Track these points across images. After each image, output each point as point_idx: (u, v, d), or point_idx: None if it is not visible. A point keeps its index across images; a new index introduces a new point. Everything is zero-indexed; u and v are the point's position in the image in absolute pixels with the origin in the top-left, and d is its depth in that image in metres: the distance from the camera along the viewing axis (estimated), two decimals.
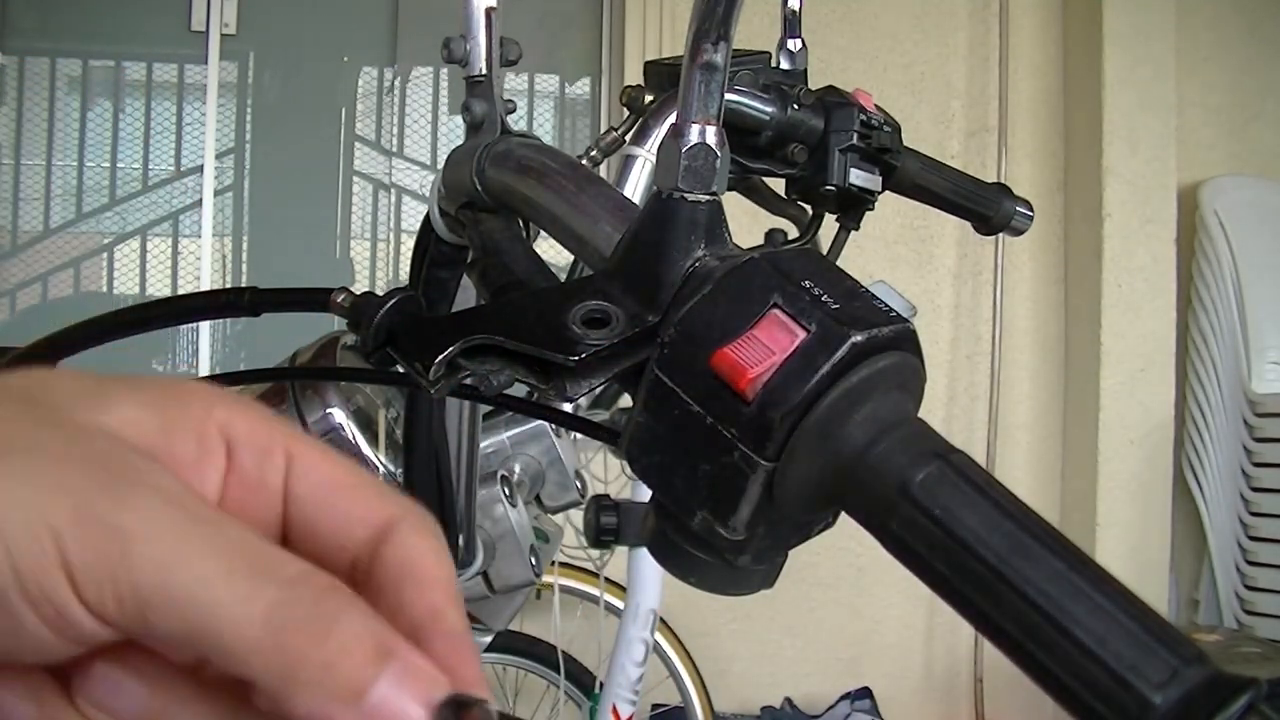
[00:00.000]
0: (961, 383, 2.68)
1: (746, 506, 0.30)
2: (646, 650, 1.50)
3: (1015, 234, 0.76)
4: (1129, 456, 2.59)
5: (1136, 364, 2.59)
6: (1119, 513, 2.58)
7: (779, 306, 0.30)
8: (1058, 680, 0.25)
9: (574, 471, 0.72)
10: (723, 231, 0.34)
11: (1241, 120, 2.87)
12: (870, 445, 0.29)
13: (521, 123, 1.95)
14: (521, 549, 0.54)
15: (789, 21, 0.69)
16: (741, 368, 0.29)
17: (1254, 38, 2.87)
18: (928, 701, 2.67)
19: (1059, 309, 2.74)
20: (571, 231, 0.40)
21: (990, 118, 2.70)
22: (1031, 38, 2.73)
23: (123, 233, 2.61)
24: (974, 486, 0.27)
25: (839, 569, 2.56)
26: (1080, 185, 2.68)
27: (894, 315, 0.30)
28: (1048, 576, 0.25)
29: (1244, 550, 2.58)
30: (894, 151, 0.67)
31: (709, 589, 0.34)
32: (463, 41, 0.50)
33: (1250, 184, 2.75)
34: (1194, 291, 2.69)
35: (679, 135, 0.33)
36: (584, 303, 0.34)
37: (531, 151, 0.44)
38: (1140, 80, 2.59)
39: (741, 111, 0.62)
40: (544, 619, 1.64)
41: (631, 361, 0.33)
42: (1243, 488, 2.58)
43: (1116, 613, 0.25)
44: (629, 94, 0.65)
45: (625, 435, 0.32)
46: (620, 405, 0.69)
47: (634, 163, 0.59)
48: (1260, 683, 0.23)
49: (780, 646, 2.57)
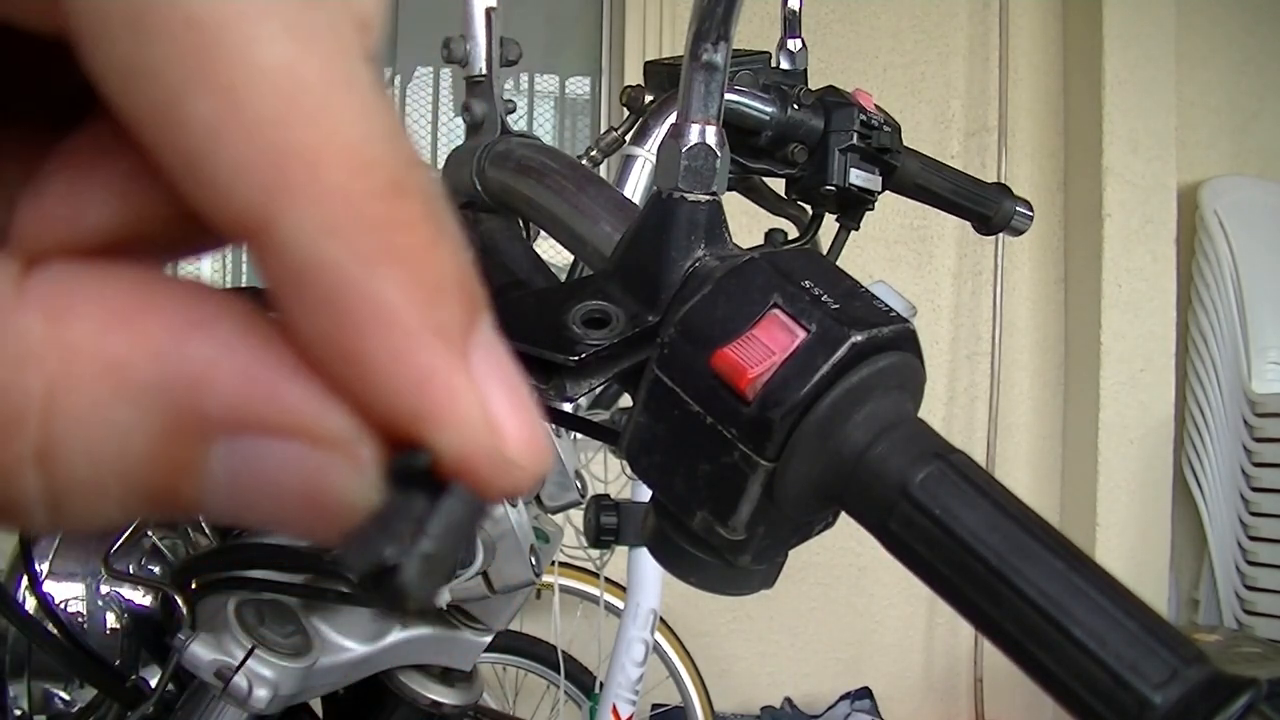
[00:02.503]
0: (961, 383, 2.68)
1: (746, 506, 0.30)
2: (646, 650, 1.50)
3: (1015, 234, 0.76)
4: (1129, 456, 2.59)
5: (1136, 364, 2.59)
6: (1119, 513, 2.58)
7: (779, 306, 0.30)
8: (1058, 680, 0.25)
9: (574, 471, 0.71)
10: (723, 231, 0.34)
11: (1241, 120, 2.87)
12: (870, 445, 0.29)
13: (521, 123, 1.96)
14: (521, 549, 0.54)
15: (789, 21, 0.69)
16: (741, 368, 0.29)
17: (1254, 38, 2.87)
18: (928, 701, 2.67)
19: (1059, 309, 2.74)
20: (571, 231, 0.40)
21: (990, 118, 2.70)
22: (1031, 38, 2.73)
23: None
24: (974, 486, 0.27)
25: (839, 569, 2.56)
26: (1080, 185, 2.67)
27: (894, 315, 0.30)
28: (1048, 576, 0.25)
29: (1244, 550, 2.58)
30: (894, 151, 0.67)
31: (709, 589, 0.34)
32: (463, 41, 0.50)
33: (1250, 184, 2.75)
34: (1194, 291, 2.69)
35: (679, 135, 0.33)
36: (584, 303, 0.34)
37: (531, 151, 0.44)
38: (1140, 80, 2.59)
39: (741, 111, 0.62)
40: (544, 619, 1.63)
41: (631, 361, 0.33)
42: (1243, 488, 2.58)
43: (1116, 613, 0.25)
44: (629, 94, 0.65)
45: (625, 435, 0.32)
46: (620, 405, 0.69)
47: (634, 163, 0.59)
48: (1260, 683, 0.23)
49: (780, 646, 2.57)
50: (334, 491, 0.12)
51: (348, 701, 0.62)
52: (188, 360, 0.12)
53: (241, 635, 0.49)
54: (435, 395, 0.12)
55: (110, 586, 0.62)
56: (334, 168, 0.12)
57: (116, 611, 0.63)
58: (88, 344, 0.11)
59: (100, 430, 0.11)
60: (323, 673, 0.52)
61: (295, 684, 0.49)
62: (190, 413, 0.12)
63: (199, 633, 0.49)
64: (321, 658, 0.51)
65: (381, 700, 0.58)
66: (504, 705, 1.88)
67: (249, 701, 0.48)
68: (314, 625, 0.52)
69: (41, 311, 0.11)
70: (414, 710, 0.57)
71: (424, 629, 0.55)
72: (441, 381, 0.12)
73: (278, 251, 0.12)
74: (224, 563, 0.53)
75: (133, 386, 0.12)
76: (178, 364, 0.12)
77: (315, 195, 0.12)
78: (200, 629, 0.50)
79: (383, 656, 0.54)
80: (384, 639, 0.54)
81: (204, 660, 0.48)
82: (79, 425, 0.11)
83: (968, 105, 2.70)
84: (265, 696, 0.48)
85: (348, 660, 0.53)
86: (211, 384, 0.12)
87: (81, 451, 0.11)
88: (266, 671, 0.48)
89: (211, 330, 0.12)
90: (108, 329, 0.12)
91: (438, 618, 0.56)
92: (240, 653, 0.48)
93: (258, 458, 0.12)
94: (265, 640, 0.49)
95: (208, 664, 0.48)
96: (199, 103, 0.11)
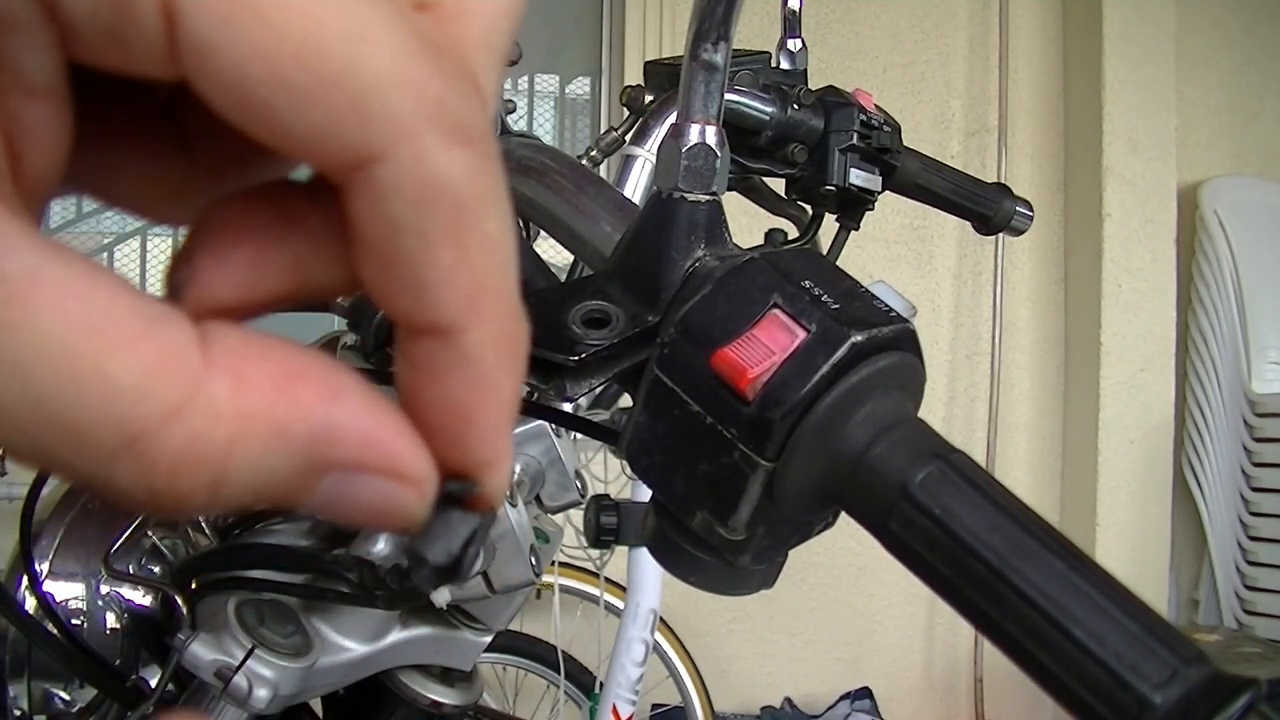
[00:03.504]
0: (961, 383, 2.68)
1: (746, 506, 0.30)
2: (646, 650, 1.50)
3: (1015, 234, 0.76)
4: (1129, 456, 2.59)
5: (1136, 364, 2.59)
6: (1119, 513, 2.58)
7: (779, 306, 0.30)
8: (1058, 680, 0.25)
9: (574, 471, 0.71)
10: (723, 231, 0.34)
11: (1241, 120, 2.87)
12: (870, 445, 0.29)
13: (521, 123, 1.96)
14: (521, 549, 0.53)
15: (789, 21, 0.69)
16: (741, 368, 0.29)
17: (1254, 38, 2.87)
18: (928, 701, 2.67)
19: (1059, 309, 2.74)
20: (571, 231, 0.40)
21: (990, 118, 2.70)
22: (1031, 38, 2.73)
23: (123, 233, 2.61)
24: (974, 486, 0.27)
25: (839, 569, 2.56)
26: (1080, 185, 2.67)
27: (894, 315, 0.30)
28: (1048, 576, 0.25)
29: (1244, 550, 2.58)
30: (894, 151, 0.67)
31: (709, 589, 0.34)
32: None
33: (1250, 184, 2.75)
34: (1194, 291, 2.69)
35: (679, 135, 0.33)
36: (584, 303, 0.34)
37: (531, 151, 0.44)
38: (1140, 80, 2.59)
39: (741, 111, 0.62)
40: (544, 619, 1.63)
41: (631, 361, 0.33)
42: (1243, 488, 2.59)
43: (1116, 613, 0.25)
44: (629, 94, 0.65)
45: (625, 435, 0.32)
46: (620, 405, 0.69)
47: (634, 163, 0.59)
48: (1260, 683, 0.23)
49: (780, 646, 2.57)
50: (400, 510, 0.17)
51: (348, 701, 0.62)
52: (329, 425, 0.16)
53: (241, 635, 0.49)
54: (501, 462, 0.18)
55: (110, 586, 0.62)
56: (507, 304, 0.17)
57: (116, 611, 0.63)
58: (261, 410, 0.15)
59: (259, 470, 0.15)
60: (323, 673, 0.52)
61: (295, 684, 0.49)
62: (323, 459, 0.16)
63: (199, 633, 0.49)
64: (321, 658, 0.51)
65: (381, 700, 0.58)
66: (504, 705, 1.88)
67: (249, 701, 0.48)
68: (314, 625, 0.52)
69: (227, 378, 0.15)
70: (414, 710, 0.57)
71: (424, 629, 0.55)
72: (506, 455, 0.18)
73: (455, 347, 0.17)
74: (224, 563, 0.53)
75: (288, 441, 0.15)
76: (322, 428, 0.16)
77: (496, 319, 0.17)
78: (200, 629, 0.50)
79: (383, 656, 0.54)
80: (384, 639, 0.54)
81: (204, 660, 0.48)
82: (247, 468, 0.15)
83: (968, 105, 2.70)
84: (265, 696, 0.48)
85: (348, 660, 0.53)
86: (343, 440, 0.16)
87: (242, 483, 0.15)
88: (266, 671, 0.48)
89: (346, 399, 0.16)
90: (276, 397, 0.15)
91: (438, 618, 0.56)
92: (240, 653, 0.48)
93: (357, 483, 0.16)
94: (265, 640, 0.49)
95: (208, 664, 0.48)
96: (446, 251, 0.16)
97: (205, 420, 0.14)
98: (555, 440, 0.68)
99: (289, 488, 0.16)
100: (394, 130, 0.15)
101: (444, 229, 0.16)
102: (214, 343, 0.15)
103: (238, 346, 0.15)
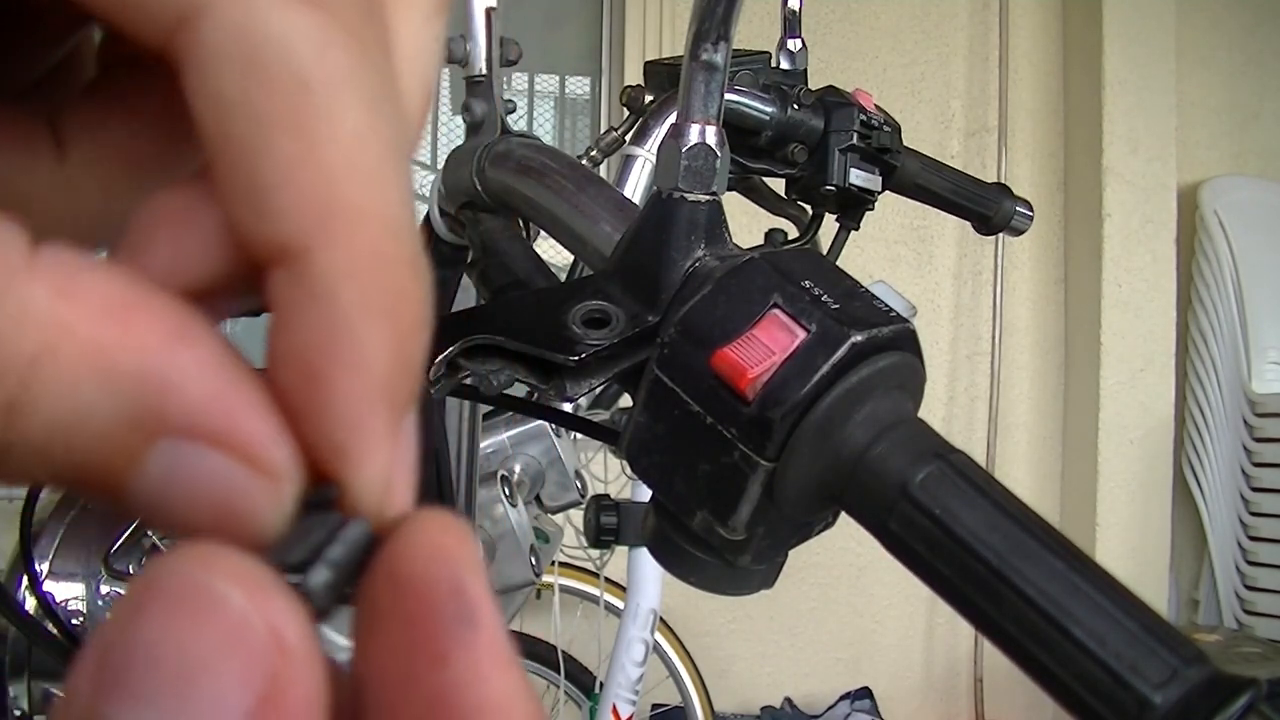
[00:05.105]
0: (961, 383, 2.68)
1: (746, 506, 0.30)
2: (646, 650, 1.50)
3: (1015, 234, 0.76)
4: (1129, 456, 2.59)
5: (1136, 364, 2.59)
6: (1119, 513, 2.58)
7: (779, 306, 0.30)
8: (1058, 680, 0.25)
9: (574, 471, 0.72)
10: (723, 231, 0.34)
11: (1241, 120, 2.87)
12: (870, 445, 0.29)
13: (521, 123, 1.95)
14: (521, 549, 0.54)
15: (789, 21, 0.69)
16: (741, 368, 0.29)
17: (1254, 38, 2.87)
18: (928, 701, 2.67)
19: (1059, 309, 2.74)
20: (571, 231, 0.40)
21: (990, 118, 2.70)
22: (1031, 38, 2.73)
23: None
24: (974, 486, 0.27)
25: (839, 569, 2.56)
26: (1080, 185, 2.67)
27: (894, 315, 0.30)
28: (1048, 576, 0.25)
29: (1244, 550, 2.58)
30: (894, 151, 0.67)
31: (709, 589, 0.34)
32: (463, 41, 0.50)
33: (1250, 184, 2.75)
34: (1194, 291, 2.69)
35: (679, 135, 0.33)
36: (584, 303, 0.34)
37: (531, 151, 0.44)
38: (1140, 80, 2.59)
39: (741, 111, 0.62)
40: (544, 619, 1.63)
41: (631, 361, 0.33)
42: (1243, 488, 2.59)
43: (1116, 613, 0.25)
44: (629, 94, 0.65)
45: (625, 435, 0.32)
46: (620, 405, 0.69)
47: (634, 163, 0.59)
48: (1260, 683, 0.23)
49: (780, 646, 2.57)
50: (249, 510, 0.13)
51: None
52: (166, 365, 0.13)
53: None
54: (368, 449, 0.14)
55: (110, 586, 0.62)
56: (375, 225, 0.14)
57: None
58: (83, 325, 0.12)
59: (69, 402, 0.12)
60: None
61: None
62: (152, 409, 0.13)
63: None
64: None
65: None
66: None
67: None
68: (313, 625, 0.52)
69: (48, 285, 0.12)
70: None
71: None
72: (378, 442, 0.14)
73: (301, 276, 0.13)
74: None
75: (110, 373, 0.12)
76: (156, 365, 0.13)
77: (354, 240, 0.13)
78: None
79: None
80: None
81: None
82: (52, 392, 0.12)
83: (968, 105, 2.70)
84: None
85: (347, 660, 0.53)
86: (180, 389, 0.13)
87: (45, 415, 0.12)
88: None
89: (195, 345, 0.13)
90: (104, 316, 0.12)
91: None
92: None
93: (194, 463, 0.13)
94: None
95: None
96: (285, 142, 0.13)
97: (7, 319, 0.12)
98: (555, 440, 0.68)
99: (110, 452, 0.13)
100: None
101: (282, 112, 0.13)
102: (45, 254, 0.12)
103: (71, 262, 0.13)
